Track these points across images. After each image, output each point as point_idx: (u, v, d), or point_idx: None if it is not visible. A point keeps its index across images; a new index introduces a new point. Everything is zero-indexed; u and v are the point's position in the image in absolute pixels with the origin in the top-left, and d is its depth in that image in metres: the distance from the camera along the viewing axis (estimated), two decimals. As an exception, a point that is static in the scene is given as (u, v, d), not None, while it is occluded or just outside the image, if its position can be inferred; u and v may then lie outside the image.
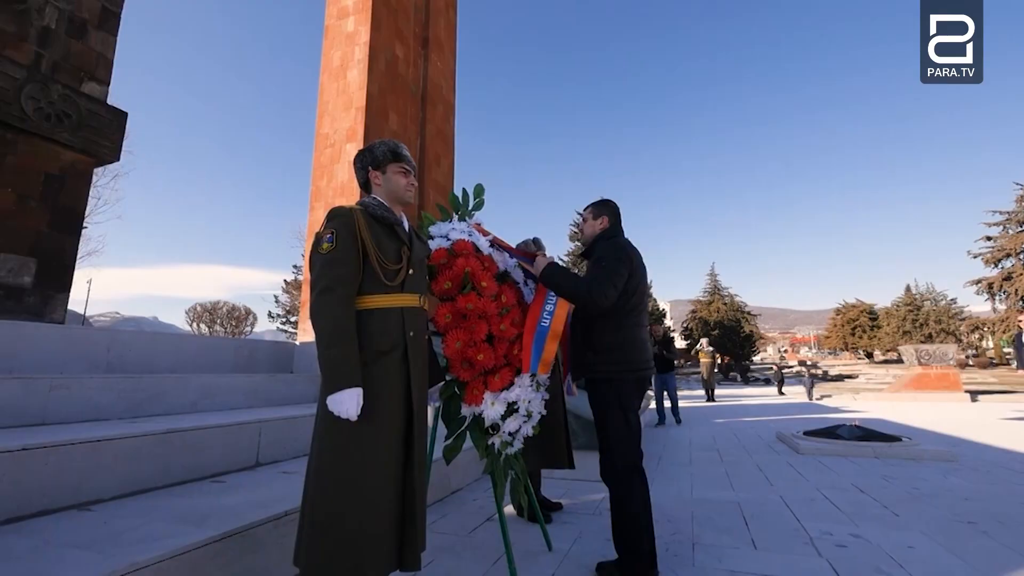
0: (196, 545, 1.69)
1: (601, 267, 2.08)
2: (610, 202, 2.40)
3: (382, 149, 1.78)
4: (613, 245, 2.19)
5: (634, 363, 2.11)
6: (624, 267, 2.09)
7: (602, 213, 2.36)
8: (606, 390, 2.10)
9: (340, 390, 1.39)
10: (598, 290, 1.99)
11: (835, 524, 2.72)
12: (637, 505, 2.02)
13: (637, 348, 2.13)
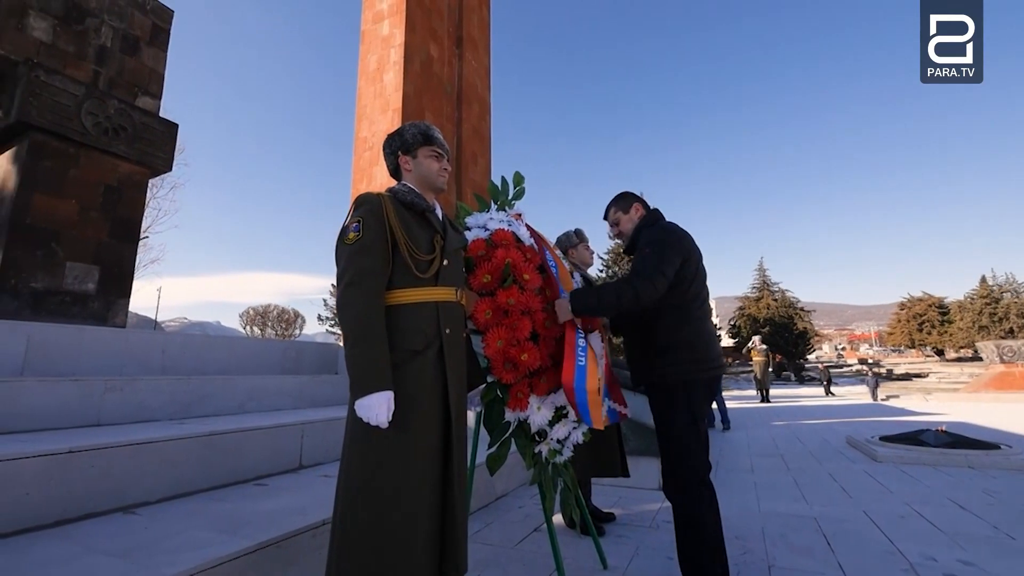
0: (229, 557, 1.60)
1: (644, 255, 1.86)
2: (631, 192, 2.19)
3: (412, 132, 1.63)
4: (658, 229, 1.96)
5: (704, 361, 1.84)
6: (672, 250, 1.84)
7: (630, 203, 2.14)
8: (674, 395, 1.83)
9: (369, 394, 1.25)
10: (643, 284, 1.75)
11: (937, 547, 2.35)
12: (708, 523, 1.77)
13: (705, 343, 1.87)
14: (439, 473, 1.35)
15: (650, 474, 3.56)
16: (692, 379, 1.82)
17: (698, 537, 1.75)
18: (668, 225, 1.99)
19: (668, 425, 1.85)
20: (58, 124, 4.34)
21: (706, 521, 1.76)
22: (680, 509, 1.82)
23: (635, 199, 2.14)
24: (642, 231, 2.03)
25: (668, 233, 1.91)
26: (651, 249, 1.85)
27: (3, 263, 4.00)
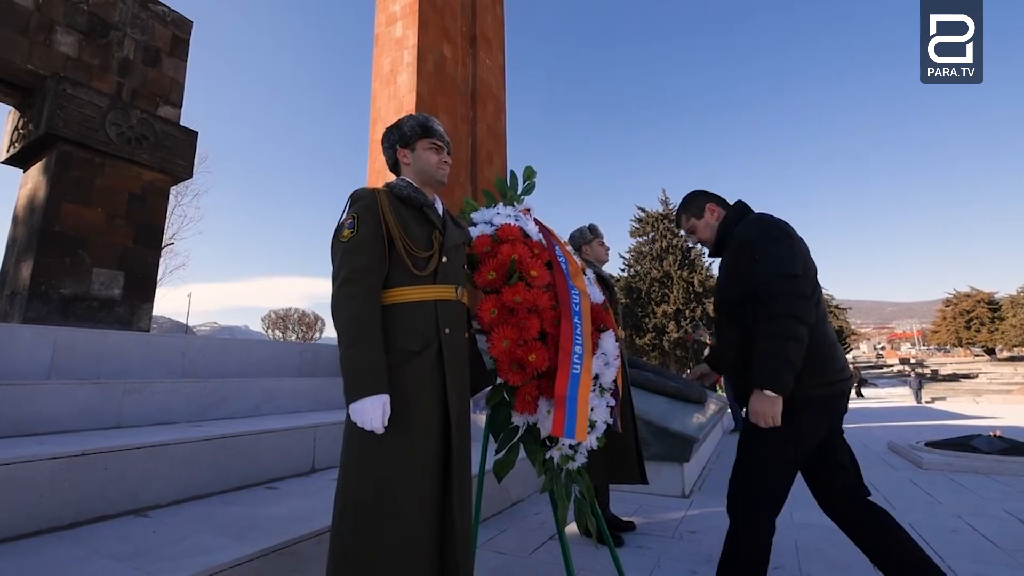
0: (231, 564, 1.57)
1: (759, 265, 1.52)
2: (700, 191, 1.90)
3: (410, 124, 1.57)
4: (755, 227, 1.62)
5: (833, 373, 1.54)
6: (786, 244, 1.54)
7: (702, 205, 1.83)
8: (797, 416, 1.50)
9: (363, 398, 1.18)
10: (785, 300, 1.44)
11: (994, 566, 2.16)
12: (764, 548, 1.57)
13: (828, 352, 1.55)
14: (439, 480, 1.28)
15: (673, 481, 3.42)
16: (823, 395, 1.52)
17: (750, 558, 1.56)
18: (765, 219, 1.65)
19: (762, 447, 1.55)
20: (84, 135, 4.47)
21: (764, 545, 1.56)
22: (740, 529, 1.59)
23: (707, 199, 1.84)
24: (730, 229, 1.73)
25: (768, 227, 1.60)
26: (773, 266, 1.50)
27: (34, 270, 4.13)
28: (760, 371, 1.45)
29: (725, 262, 1.73)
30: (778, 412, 1.44)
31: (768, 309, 1.47)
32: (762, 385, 1.44)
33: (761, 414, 1.45)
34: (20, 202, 4.66)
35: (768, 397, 1.43)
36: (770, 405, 1.44)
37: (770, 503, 1.57)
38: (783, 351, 1.42)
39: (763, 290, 1.49)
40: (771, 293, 1.47)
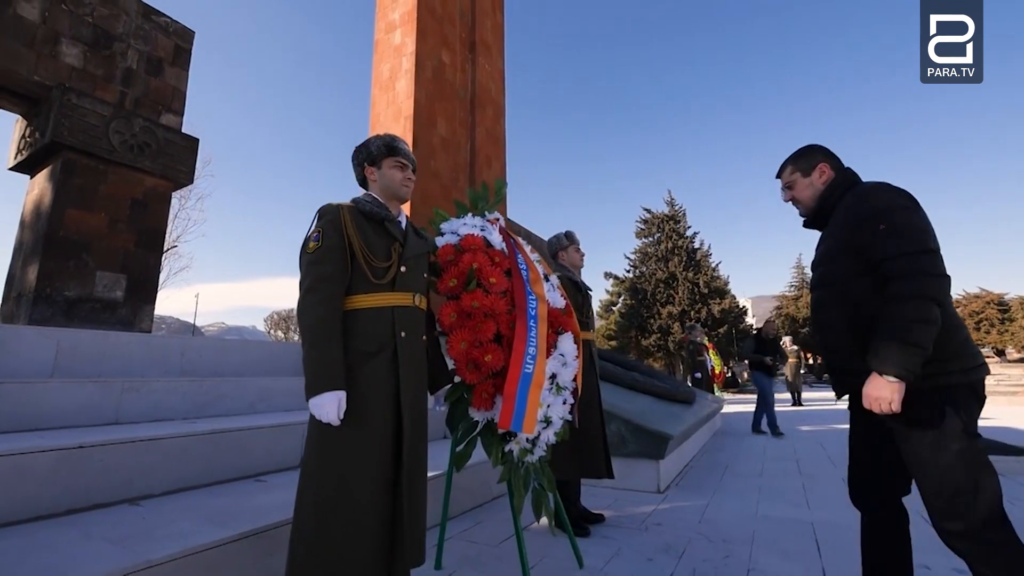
0: (211, 545, 1.71)
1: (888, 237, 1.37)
2: (817, 145, 1.71)
3: (377, 144, 1.71)
4: (883, 193, 1.46)
5: (971, 359, 1.41)
6: (921, 216, 1.40)
7: (815, 162, 1.66)
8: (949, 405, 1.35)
9: (320, 393, 1.32)
10: (922, 279, 1.32)
11: (935, 555, 2.26)
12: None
13: (965, 337, 1.42)
14: (392, 468, 1.42)
15: (648, 477, 3.54)
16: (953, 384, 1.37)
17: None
18: (891, 188, 1.47)
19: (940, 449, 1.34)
20: (88, 143, 4.66)
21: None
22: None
23: (824, 157, 1.67)
24: (838, 200, 1.58)
25: (901, 196, 1.43)
26: (916, 239, 1.36)
27: (40, 273, 4.32)
28: (884, 354, 1.31)
29: (836, 234, 1.56)
30: (899, 399, 1.30)
31: (898, 287, 1.33)
32: (885, 369, 1.30)
33: (878, 399, 1.32)
34: (27, 207, 4.85)
35: (890, 383, 1.30)
36: (891, 391, 1.30)
37: (996, 492, 1.32)
38: (913, 334, 1.29)
39: (894, 266, 1.35)
40: (904, 270, 1.34)
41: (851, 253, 1.48)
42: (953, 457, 1.32)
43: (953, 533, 1.34)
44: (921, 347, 1.28)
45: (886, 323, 1.34)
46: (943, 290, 1.33)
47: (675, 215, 33.06)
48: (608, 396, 4.28)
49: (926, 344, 1.29)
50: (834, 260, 1.55)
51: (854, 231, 1.47)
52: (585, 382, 2.74)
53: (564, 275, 2.90)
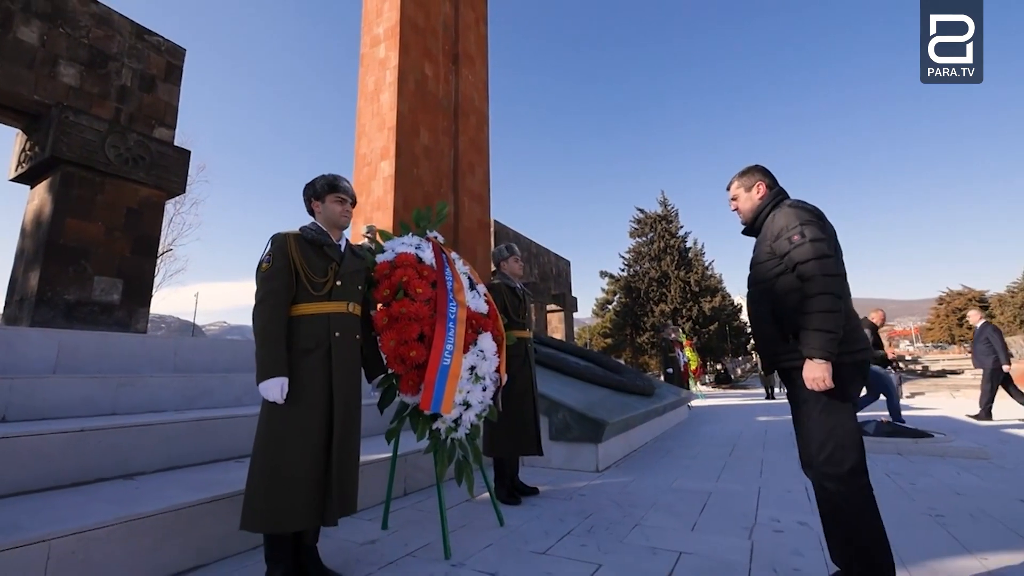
0: (192, 504, 2.14)
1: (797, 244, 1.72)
2: (759, 167, 2.04)
3: (321, 183, 2.13)
4: (793, 212, 1.80)
5: (857, 343, 1.75)
6: (820, 228, 1.75)
7: (754, 180, 2.00)
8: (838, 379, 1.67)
9: (267, 379, 1.75)
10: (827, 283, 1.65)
11: (791, 512, 2.72)
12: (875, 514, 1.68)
13: (856, 323, 1.78)
14: (324, 438, 1.84)
15: (588, 459, 3.99)
16: (844, 363, 1.69)
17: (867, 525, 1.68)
18: (799, 203, 1.85)
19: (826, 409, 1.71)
20: (86, 157, 5.06)
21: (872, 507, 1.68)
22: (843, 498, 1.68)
23: (762, 177, 1.99)
24: (767, 213, 1.92)
25: (804, 211, 1.79)
26: (813, 246, 1.69)
27: (41, 278, 4.72)
28: (811, 343, 1.63)
29: (764, 242, 1.88)
30: (829, 376, 1.62)
31: (810, 287, 1.66)
32: (813, 355, 1.63)
33: (814, 379, 1.63)
34: (27, 217, 5.25)
35: (820, 364, 1.62)
36: (822, 371, 1.62)
37: (861, 450, 1.69)
38: (827, 324, 1.61)
39: (803, 270, 1.68)
40: (810, 274, 1.67)
41: (774, 258, 1.82)
42: (840, 419, 1.69)
43: (828, 475, 1.68)
44: (834, 332, 1.63)
45: (805, 316, 1.67)
46: (841, 286, 1.67)
47: (668, 215, 33.47)
48: (563, 388, 4.73)
49: (837, 329, 1.63)
50: (762, 264, 1.88)
51: (776, 240, 1.81)
52: (522, 375, 3.19)
53: (503, 282, 3.33)
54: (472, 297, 2.56)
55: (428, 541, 2.39)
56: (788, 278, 1.76)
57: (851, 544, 1.65)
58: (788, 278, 1.76)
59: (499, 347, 2.60)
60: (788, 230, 1.76)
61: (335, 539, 2.42)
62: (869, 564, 1.61)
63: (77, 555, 1.77)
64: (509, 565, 2.10)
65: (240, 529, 1.82)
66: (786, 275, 1.76)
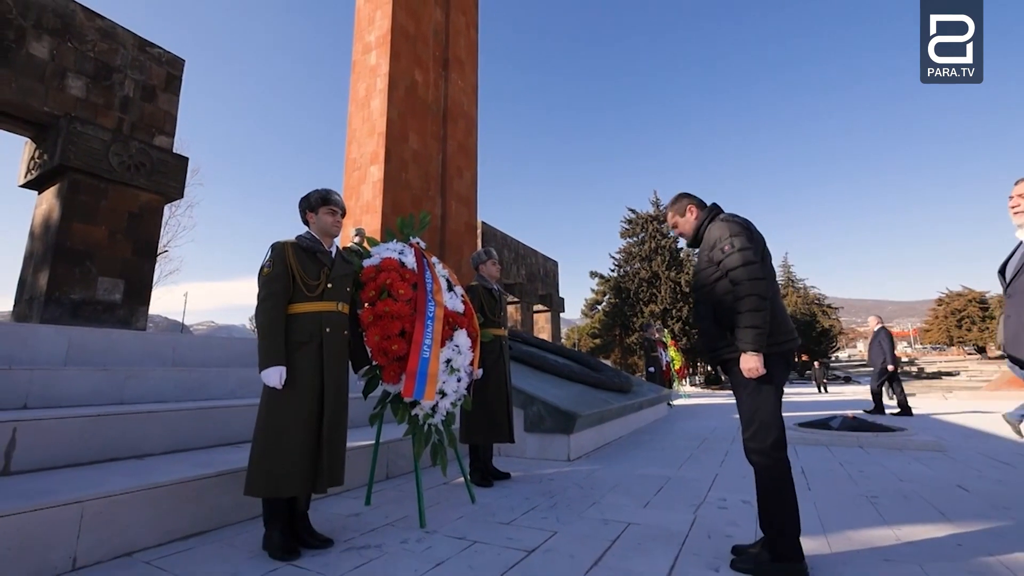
0: (198, 478, 2.45)
1: (729, 253, 1.97)
2: (684, 193, 2.33)
3: (315, 196, 2.44)
4: (724, 225, 2.07)
5: (784, 335, 2.01)
6: (747, 239, 1.99)
7: (684, 205, 2.28)
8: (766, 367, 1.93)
9: (269, 367, 2.07)
10: (753, 284, 1.90)
11: (738, 494, 3.05)
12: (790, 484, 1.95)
13: (783, 318, 2.04)
14: (316, 418, 2.16)
15: (560, 449, 4.32)
16: (770, 353, 1.94)
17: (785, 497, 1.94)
18: (730, 217, 2.12)
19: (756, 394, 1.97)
20: (91, 165, 5.34)
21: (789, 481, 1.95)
22: (767, 471, 1.95)
23: (689, 201, 2.26)
24: (706, 229, 2.15)
25: (735, 226, 2.03)
26: (741, 255, 1.94)
27: (49, 279, 5.00)
28: (743, 339, 1.89)
29: (703, 253, 2.14)
30: (762, 365, 1.89)
31: (739, 290, 1.91)
32: (746, 349, 1.89)
33: (749, 369, 1.89)
34: (36, 221, 5.51)
35: (753, 356, 1.88)
36: (756, 361, 1.88)
37: (782, 428, 1.96)
38: (755, 321, 1.87)
39: (734, 275, 1.93)
40: (739, 279, 1.92)
41: (712, 265, 2.06)
42: (764, 401, 1.95)
43: (753, 450, 1.97)
44: (762, 327, 1.88)
45: (738, 315, 1.92)
46: (765, 288, 1.92)
47: (659, 215, 33.90)
48: (541, 383, 5.06)
49: (764, 325, 1.89)
50: (703, 271, 2.13)
51: (712, 250, 2.07)
52: (496, 369, 3.51)
53: (480, 284, 3.65)
54: (450, 297, 2.88)
55: (406, 514, 2.71)
56: (724, 283, 2.01)
57: (767, 510, 1.97)
58: (724, 283, 2.01)
59: (473, 343, 2.92)
60: (721, 241, 2.03)
61: (324, 513, 2.73)
62: (780, 530, 1.92)
63: (105, 515, 2.08)
64: (476, 532, 2.42)
65: (244, 494, 2.13)
66: (722, 280, 2.02)
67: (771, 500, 1.93)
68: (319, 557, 2.09)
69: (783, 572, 1.84)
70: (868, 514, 2.66)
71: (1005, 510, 2.67)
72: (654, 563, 2.00)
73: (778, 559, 1.86)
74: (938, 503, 2.83)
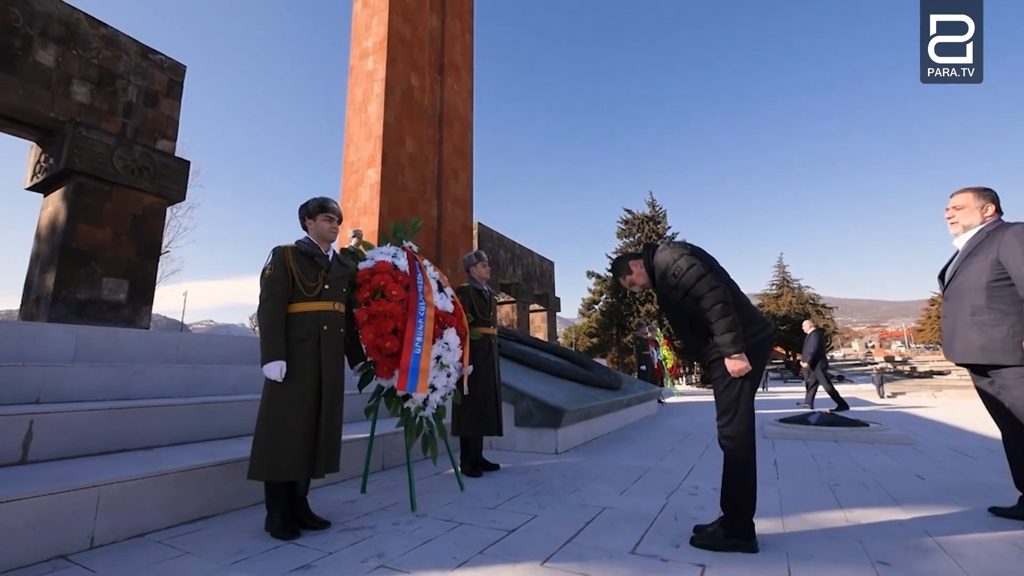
0: (203, 466, 2.63)
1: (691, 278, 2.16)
2: (620, 257, 2.56)
3: (313, 204, 2.62)
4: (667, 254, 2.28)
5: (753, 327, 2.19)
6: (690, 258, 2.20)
7: (626, 264, 2.47)
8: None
9: (270, 361, 2.25)
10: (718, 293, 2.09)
11: (711, 482, 3.25)
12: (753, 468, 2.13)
13: (750, 312, 2.23)
14: (313, 409, 2.35)
15: (549, 442, 4.51)
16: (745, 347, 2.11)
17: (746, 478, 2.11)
18: (666, 246, 2.35)
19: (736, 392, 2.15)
20: (96, 168, 5.51)
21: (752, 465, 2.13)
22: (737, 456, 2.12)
23: (628, 259, 2.46)
24: (654, 266, 2.34)
25: (674, 250, 2.27)
26: (691, 272, 2.15)
27: (56, 279, 5.17)
28: (723, 344, 2.06)
29: (660, 285, 2.32)
30: (746, 364, 2.06)
31: (704, 302, 2.10)
32: (729, 353, 2.06)
33: (737, 370, 2.07)
34: (42, 223, 5.68)
35: (736, 358, 2.06)
36: (741, 362, 2.06)
37: (753, 419, 2.17)
38: (728, 325, 2.05)
39: (694, 291, 2.13)
40: (700, 293, 2.11)
41: (672, 290, 2.25)
42: (741, 392, 2.12)
43: (726, 435, 2.14)
44: (734, 329, 2.07)
45: (711, 325, 2.10)
46: (725, 293, 2.10)
47: (655, 216, 34.10)
48: (532, 380, 5.25)
49: (736, 327, 2.07)
50: (666, 296, 2.32)
51: (665, 278, 2.26)
52: (486, 365, 3.70)
53: (471, 285, 3.84)
54: (440, 298, 3.07)
55: (398, 500, 2.90)
56: (688, 301, 2.21)
57: (728, 488, 2.16)
58: (688, 301, 2.21)
59: (462, 341, 3.11)
60: (670, 268, 2.24)
61: (322, 500, 2.91)
62: (736, 509, 2.12)
63: (119, 499, 2.26)
64: (463, 516, 2.61)
65: (247, 479, 2.32)
66: (687, 299, 2.21)
67: (734, 480, 2.13)
68: (317, 536, 2.28)
69: (735, 547, 2.04)
70: (826, 499, 2.86)
71: (952, 496, 2.87)
72: (622, 540, 2.19)
73: (732, 535, 2.05)
74: (893, 490, 3.03)
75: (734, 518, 2.08)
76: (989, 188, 2.45)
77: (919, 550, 2.04)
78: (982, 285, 2.32)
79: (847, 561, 1.94)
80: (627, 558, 1.99)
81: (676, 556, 2.01)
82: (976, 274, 2.35)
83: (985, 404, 2.55)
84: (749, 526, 2.07)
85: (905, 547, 2.08)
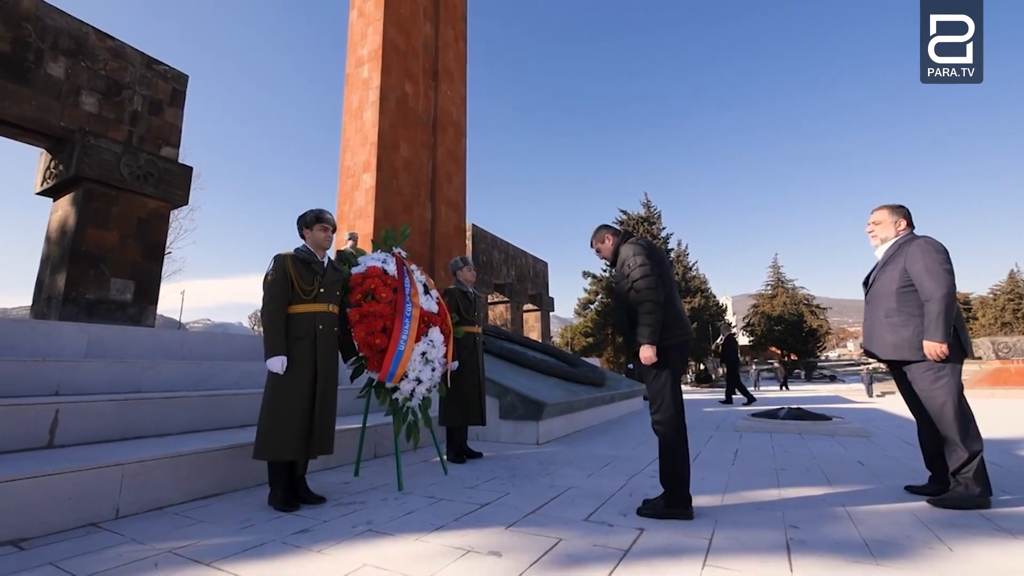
0: (210, 449, 2.96)
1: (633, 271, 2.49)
2: (603, 225, 2.86)
3: (310, 215, 2.94)
4: (629, 247, 2.61)
5: (677, 329, 2.51)
6: (644, 258, 2.49)
7: (603, 235, 2.81)
8: (663, 355, 2.45)
9: (272, 356, 2.58)
10: (651, 292, 2.41)
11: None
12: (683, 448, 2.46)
13: (677, 317, 2.53)
14: (310, 398, 2.67)
15: (531, 434, 4.84)
16: (667, 345, 2.47)
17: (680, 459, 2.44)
18: (635, 241, 2.64)
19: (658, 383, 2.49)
20: (104, 175, 5.80)
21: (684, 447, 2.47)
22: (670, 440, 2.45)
23: (605, 231, 2.81)
24: (619, 251, 2.69)
25: (633, 247, 2.58)
26: (640, 270, 2.46)
27: (67, 280, 5.46)
28: (641, 334, 2.41)
29: (616, 271, 2.67)
30: (655, 355, 2.42)
31: (637, 298, 2.44)
32: (643, 341, 2.41)
33: (645, 357, 2.42)
34: (52, 226, 5.97)
35: (647, 347, 2.41)
36: (651, 351, 2.40)
37: (679, 406, 2.48)
38: (649, 321, 2.39)
39: (636, 285, 2.47)
40: (640, 288, 2.45)
41: (624, 279, 2.57)
42: (662, 382, 2.47)
43: (657, 421, 2.46)
44: (654, 325, 2.40)
45: (639, 316, 2.45)
46: (658, 294, 2.43)
47: (650, 217, 34.49)
48: (517, 376, 5.58)
49: (656, 324, 2.40)
50: (619, 284, 2.63)
51: (622, 267, 2.60)
52: (471, 361, 4.03)
53: (457, 288, 4.17)
54: (425, 300, 3.40)
55: (387, 482, 3.23)
56: (632, 293, 2.52)
57: (665, 470, 2.50)
58: (632, 293, 2.52)
59: (446, 338, 3.44)
60: (627, 259, 2.58)
61: (318, 481, 3.23)
62: (671, 483, 2.44)
63: (140, 476, 2.59)
64: (444, 493, 2.94)
65: (252, 459, 2.64)
66: (632, 291, 2.53)
67: (668, 460, 2.46)
68: (314, 509, 2.61)
69: (672, 515, 2.37)
70: (768, 481, 3.20)
71: (880, 479, 3.22)
72: (579, 511, 2.53)
73: (670, 505, 2.39)
74: (831, 473, 3.38)
75: (671, 491, 2.42)
76: (902, 205, 2.80)
77: (829, 518, 2.38)
78: (893, 291, 2.66)
79: (765, 526, 2.27)
80: (580, 524, 2.33)
81: (622, 523, 2.34)
82: (889, 281, 2.69)
83: (902, 396, 2.89)
84: (686, 498, 2.40)
85: (819, 516, 2.42)
